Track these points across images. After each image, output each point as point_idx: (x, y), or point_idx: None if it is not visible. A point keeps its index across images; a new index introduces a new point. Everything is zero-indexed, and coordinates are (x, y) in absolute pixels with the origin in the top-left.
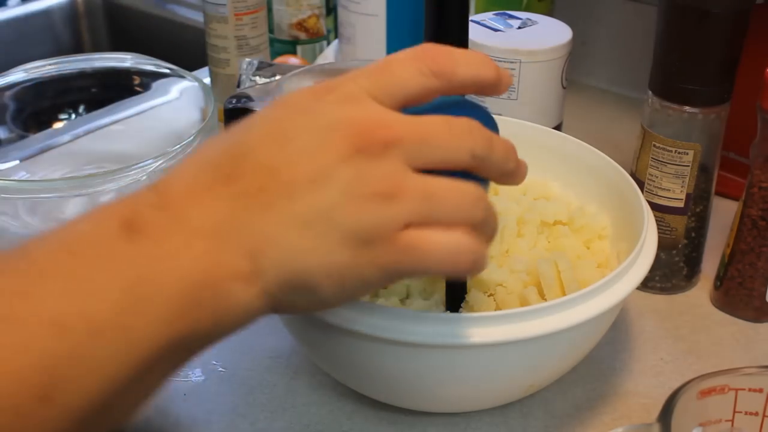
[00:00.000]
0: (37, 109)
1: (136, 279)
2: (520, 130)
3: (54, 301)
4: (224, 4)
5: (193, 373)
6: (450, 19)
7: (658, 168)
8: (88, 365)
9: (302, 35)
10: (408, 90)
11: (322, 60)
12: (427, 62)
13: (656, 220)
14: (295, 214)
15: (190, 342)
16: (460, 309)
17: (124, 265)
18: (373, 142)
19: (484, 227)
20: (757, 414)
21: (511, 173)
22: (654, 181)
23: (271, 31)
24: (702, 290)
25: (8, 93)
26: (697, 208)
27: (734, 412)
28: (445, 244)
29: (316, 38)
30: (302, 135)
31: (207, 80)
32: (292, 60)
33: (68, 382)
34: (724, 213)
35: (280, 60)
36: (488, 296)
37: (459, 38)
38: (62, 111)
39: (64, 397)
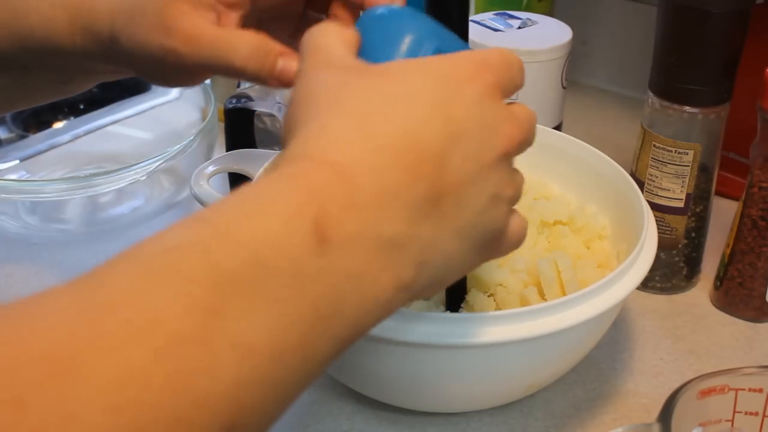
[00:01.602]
0: (37, 109)
1: (322, 299)
2: None
3: (242, 323)
4: None
5: None
6: (450, 19)
7: (658, 168)
8: (269, 391)
9: None
10: (512, 92)
11: None
12: (522, 74)
13: (656, 220)
14: (460, 223)
15: (348, 346)
16: (460, 309)
17: (314, 284)
18: (514, 148)
19: None
20: (757, 414)
21: None
22: (654, 181)
23: None
24: (702, 290)
25: None
26: (697, 208)
27: (734, 412)
28: (522, 228)
29: None
30: (473, 130)
31: (207, 80)
32: None
33: (251, 410)
34: (724, 213)
35: None
36: (488, 296)
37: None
38: (62, 111)
39: (245, 426)
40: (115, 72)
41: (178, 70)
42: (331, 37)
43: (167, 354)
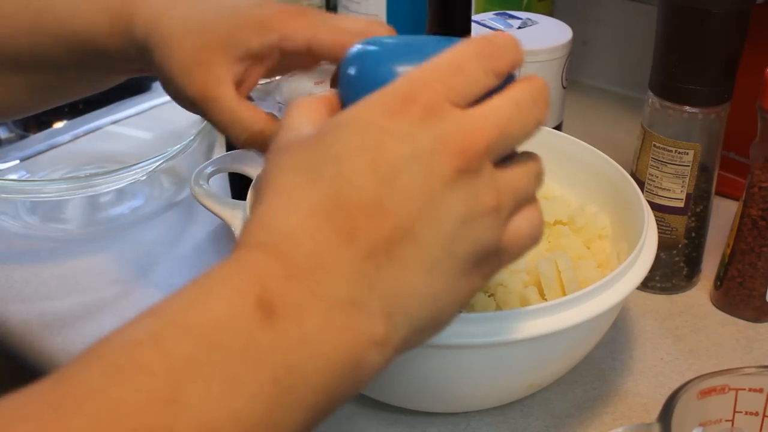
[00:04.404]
0: None
1: (283, 370)
2: None
3: (203, 405)
4: None
5: None
6: (453, 18)
7: (658, 168)
8: None
9: None
10: (476, 91)
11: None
12: (491, 63)
13: (656, 220)
14: (422, 261)
15: (327, 413)
16: (461, 309)
17: (269, 356)
18: (473, 158)
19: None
20: (757, 414)
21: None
22: (654, 181)
23: None
24: (702, 290)
25: None
26: (697, 208)
27: (734, 412)
28: (531, 227)
29: None
30: (407, 166)
31: None
32: None
33: None
34: (724, 213)
35: None
36: (488, 296)
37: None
38: (62, 111)
39: None
40: (147, 71)
41: (189, 107)
42: (302, 115)
43: None
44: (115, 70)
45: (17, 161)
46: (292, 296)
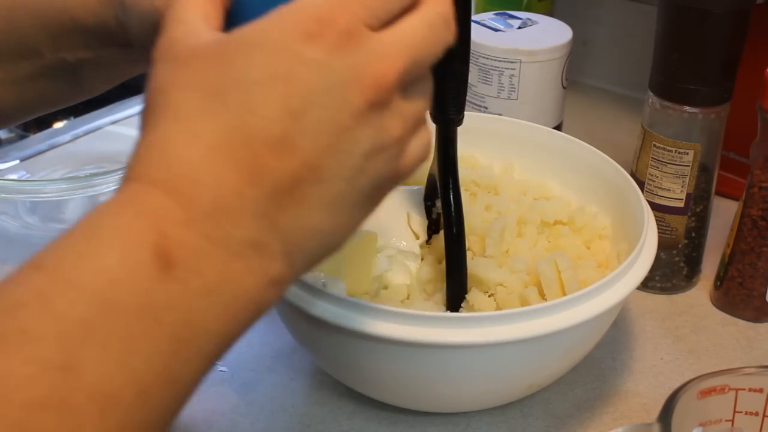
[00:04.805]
0: None
1: (181, 324)
2: (520, 130)
3: (99, 371)
4: None
5: None
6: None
7: (658, 168)
8: (140, 428)
9: None
10: (393, 11)
11: None
12: None
13: (656, 220)
14: (326, 198)
15: (221, 355)
16: (460, 309)
17: (167, 311)
18: (385, 91)
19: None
20: (757, 414)
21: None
22: (654, 181)
23: None
24: (702, 290)
25: None
26: (697, 208)
27: (734, 412)
28: (423, 149)
29: None
30: (319, 99)
31: None
32: None
33: None
34: (724, 213)
35: None
36: (488, 296)
37: (462, 37)
38: (62, 111)
39: None
40: (127, 62)
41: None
42: (194, 6)
43: (25, 425)
44: (93, 49)
45: (17, 161)
46: (191, 244)
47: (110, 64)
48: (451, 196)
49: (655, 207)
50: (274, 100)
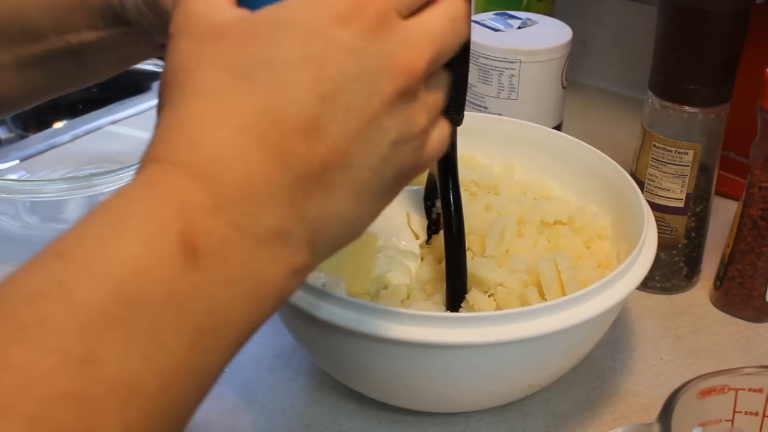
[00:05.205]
0: (37, 109)
1: (204, 315)
2: (520, 130)
3: (121, 364)
4: None
5: None
6: None
7: (658, 168)
8: (162, 422)
9: None
10: (422, 0)
11: None
12: None
13: (656, 220)
14: (352, 186)
15: (241, 346)
16: (460, 309)
17: (191, 302)
18: (415, 79)
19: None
20: (757, 414)
21: None
22: (654, 181)
23: None
24: (702, 290)
25: None
26: (697, 208)
27: (734, 412)
28: (442, 141)
29: None
30: (351, 84)
31: None
32: None
33: None
34: (724, 213)
35: None
36: (488, 296)
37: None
38: (62, 111)
39: None
40: (131, 43)
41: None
42: None
43: (45, 419)
44: (98, 30)
45: (17, 161)
46: (217, 232)
47: (113, 46)
48: (451, 196)
49: (655, 207)
50: (304, 83)
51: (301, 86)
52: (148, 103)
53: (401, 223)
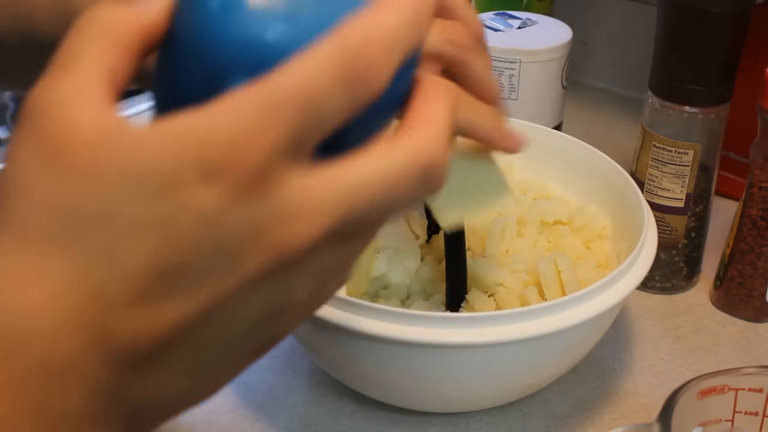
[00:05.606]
0: None
1: None
2: (520, 130)
3: None
4: None
5: None
6: None
7: (658, 168)
8: None
9: None
10: (336, 121)
11: None
12: (359, 80)
13: (656, 220)
14: (194, 364)
15: None
16: (460, 309)
17: None
18: (290, 256)
19: None
20: (757, 414)
21: None
22: (654, 181)
23: None
24: (702, 290)
25: (8, 93)
26: (697, 208)
27: (734, 412)
28: (329, 295)
29: None
30: (201, 258)
31: None
32: None
33: None
34: (724, 213)
35: None
36: (488, 296)
37: None
38: None
39: None
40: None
41: None
42: (94, 60)
43: None
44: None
45: None
46: (4, 413)
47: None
48: None
49: (654, 207)
50: (142, 252)
51: (137, 254)
52: (148, 103)
53: (401, 223)
